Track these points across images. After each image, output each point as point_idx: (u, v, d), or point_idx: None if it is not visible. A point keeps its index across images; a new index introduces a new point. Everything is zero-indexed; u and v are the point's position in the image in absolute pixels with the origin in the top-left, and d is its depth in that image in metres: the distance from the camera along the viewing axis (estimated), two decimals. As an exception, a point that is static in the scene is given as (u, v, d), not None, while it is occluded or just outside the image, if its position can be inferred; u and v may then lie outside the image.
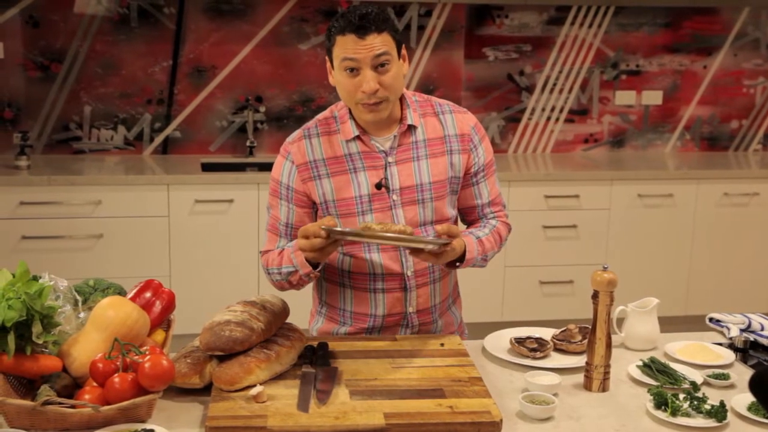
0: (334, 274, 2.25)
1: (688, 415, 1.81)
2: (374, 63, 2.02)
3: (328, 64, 2.11)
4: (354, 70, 2.03)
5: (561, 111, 5.00)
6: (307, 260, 2.06)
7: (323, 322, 2.32)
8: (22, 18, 4.39)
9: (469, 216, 2.33)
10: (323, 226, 1.93)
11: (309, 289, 2.42)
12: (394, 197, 2.16)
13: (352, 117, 2.15)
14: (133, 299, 1.96)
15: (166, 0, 4.49)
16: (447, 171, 2.19)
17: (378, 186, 2.14)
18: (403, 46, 2.12)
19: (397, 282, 2.20)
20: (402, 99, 2.17)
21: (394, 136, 2.16)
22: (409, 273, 2.20)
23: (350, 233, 1.94)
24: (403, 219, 2.16)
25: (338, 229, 1.93)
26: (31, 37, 4.41)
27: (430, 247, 1.98)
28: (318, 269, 2.10)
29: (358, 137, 2.15)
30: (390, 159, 2.16)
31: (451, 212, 2.24)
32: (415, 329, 2.26)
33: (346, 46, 2.02)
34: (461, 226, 2.33)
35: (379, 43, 2.02)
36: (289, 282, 2.17)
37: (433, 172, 2.18)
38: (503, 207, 2.34)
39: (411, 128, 2.18)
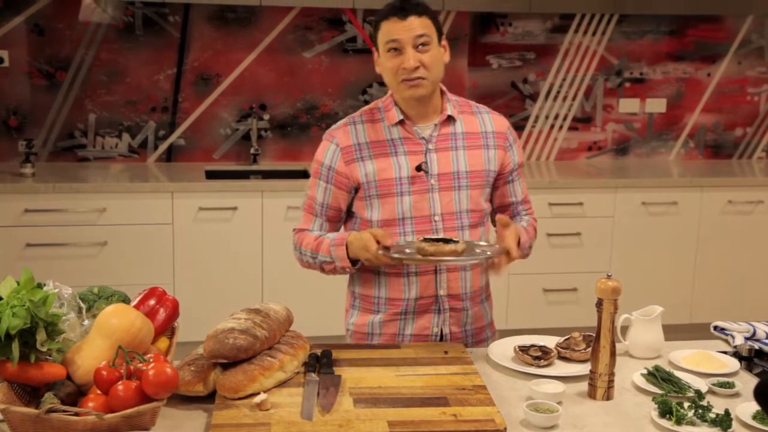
0: None
1: (692, 423, 1.80)
2: (415, 42, 2.17)
3: (375, 54, 2.27)
4: (397, 50, 2.19)
5: (565, 119, 5.01)
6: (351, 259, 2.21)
7: (358, 315, 2.38)
8: (27, 26, 4.41)
9: (504, 213, 2.40)
10: (381, 252, 2.09)
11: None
12: (432, 181, 2.26)
13: (396, 105, 2.29)
14: (137, 307, 1.96)
15: (170, 8, 4.51)
16: (484, 163, 2.30)
17: (418, 168, 2.25)
18: (444, 36, 2.26)
19: (430, 264, 2.25)
20: (443, 94, 2.32)
21: (435, 125, 2.28)
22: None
23: (407, 259, 2.09)
24: (439, 204, 2.26)
25: (396, 255, 2.08)
26: (36, 45, 4.43)
27: (478, 260, 2.14)
28: (357, 266, 2.23)
29: (401, 122, 2.27)
30: (430, 146, 2.28)
31: (485, 206, 2.33)
32: (445, 313, 2.31)
33: (389, 29, 2.19)
34: (491, 228, 2.43)
35: (419, 24, 2.18)
36: (321, 268, 2.31)
37: (470, 162, 2.29)
38: (531, 204, 2.47)
39: (450, 120, 2.30)
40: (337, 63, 4.70)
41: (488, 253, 2.12)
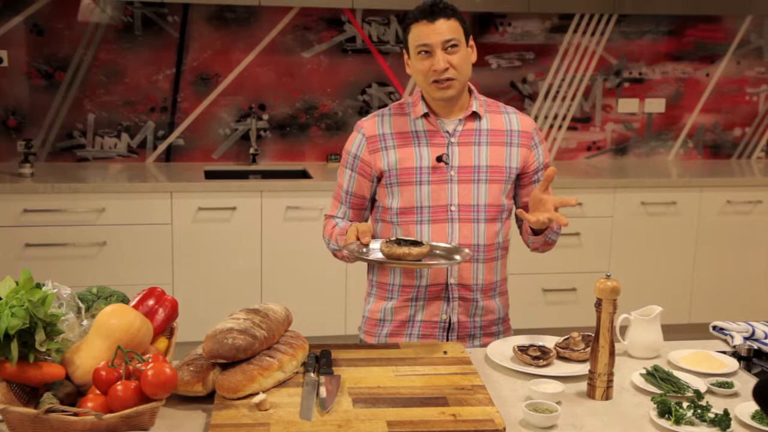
0: None
1: (691, 423, 1.80)
2: (444, 45, 2.25)
3: (406, 56, 2.35)
4: (427, 53, 2.26)
5: (564, 119, 5.01)
6: None
7: (374, 301, 2.45)
8: (26, 26, 4.41)
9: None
10: (346, 252, 2.19)
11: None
12: (452, 173, 2.33)
13: (423, 100, 2.36)
14: (136, 307, 1.96)
15: (169, 8, 4.51)
16: (505, 160, 2.36)
17: (439, 159, 2.32)
18: (471, 37, 2.33)
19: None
20: (471, 92, 2.39)
21: (460, 120, 2.36)
22: (454, 244, 2.32)
23: (375, 260, 2.16)
24: (457, 195, 2.32)
25: (366, 258, 2.16)
26: (35, 45, 4.43)
27: (453, 264, 2.18)
28: None
29: (426, 116, 2.35)
30: (453, 139, 2.35)
31: (505, 201, 2.37)
32: (454, 302, 2.35)
33: (419, 32, 2.27)
34: (514, 226, 2.48)
35: (447, 28, 2.25)
36: (334, 254, 2.41)
37: (492, 157, 2.35)
38: None
39: (476, 116, 2.37)
40: (336, 63, 4.70)
41: (457, 257, 2.16)
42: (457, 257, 2.17)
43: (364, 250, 2.19)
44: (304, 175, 4.56)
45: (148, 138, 4.62)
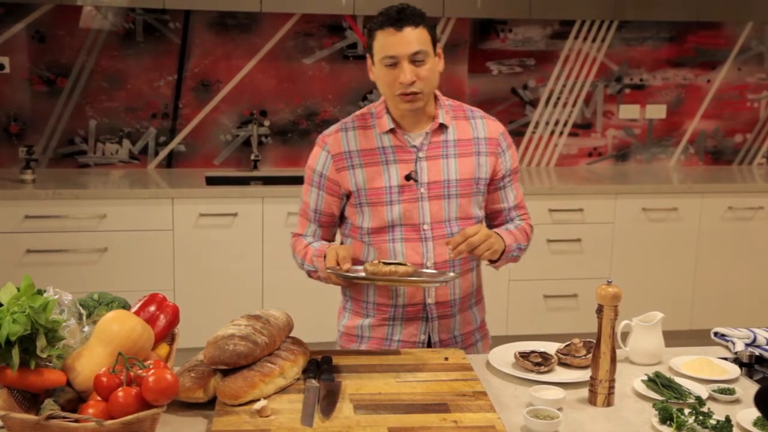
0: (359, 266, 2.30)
1: (693, 430, 1.80)
2: (411, 58, 2.16)
3: (369, 60, 2.26)
4: (393, 64, 2.17)
5: (565, 125, 5.01)
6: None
7: (349, 317, 2.40)
8: (28, 33, 4.42)
9: (496, 219, 2.41)
10: (329, 269, 2.13)
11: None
12: (422, 190, 2.26)
13: (388, 113, 2.28)
14: (137, 313, 1.96)
15: (171, 15, 4.52)
16: (474, 171, 2.30)
17: (407, 177, 2.25)
18: (438, 44, 2.24)
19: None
20: (436, 100, 2.32)
21: (426, 133, 2.28)
22: (429, 264, 2.27)
23: (357, 278, 2.11)
24: (429, 212, 2.26)
25: (347, 274, 2.11)
26: (37, 51, 4.44)
27: (436, 284, 2.16)
28: None
29: (392, 131, 2.27)
30: (421, 154, 2.27)
31: (477, 212, 2.32)
32: (433, 321, 2.31)
33: (385, 41, 2.17)
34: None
35: (415, 38, 2.16)
36: (309, 275, 2.34)
37: (461, 171, 2.28)
38: (526, 210, 2.46)
39: (442, 127, 2.30)
40: (338, 69, 4.70)
41: (440, 279, 2.12)
42: (442, 278, 2.13)
43: (342, 273, 2.12)
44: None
45: (149, 144, 4.63)
